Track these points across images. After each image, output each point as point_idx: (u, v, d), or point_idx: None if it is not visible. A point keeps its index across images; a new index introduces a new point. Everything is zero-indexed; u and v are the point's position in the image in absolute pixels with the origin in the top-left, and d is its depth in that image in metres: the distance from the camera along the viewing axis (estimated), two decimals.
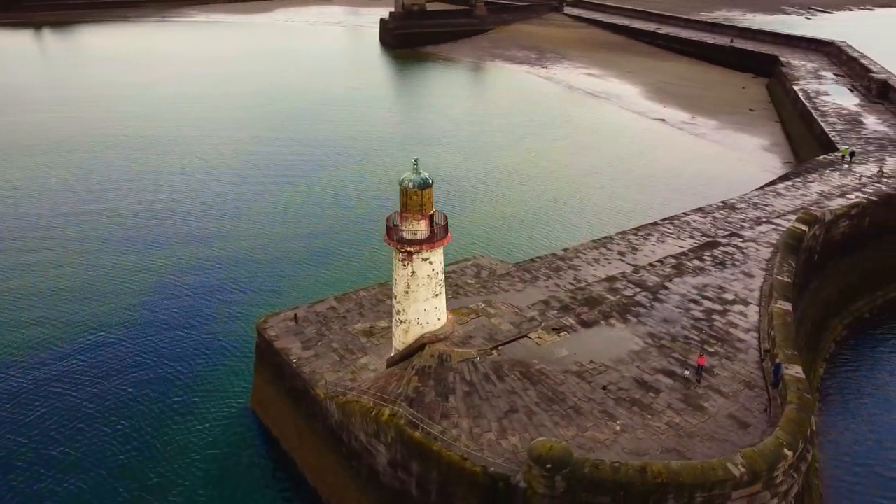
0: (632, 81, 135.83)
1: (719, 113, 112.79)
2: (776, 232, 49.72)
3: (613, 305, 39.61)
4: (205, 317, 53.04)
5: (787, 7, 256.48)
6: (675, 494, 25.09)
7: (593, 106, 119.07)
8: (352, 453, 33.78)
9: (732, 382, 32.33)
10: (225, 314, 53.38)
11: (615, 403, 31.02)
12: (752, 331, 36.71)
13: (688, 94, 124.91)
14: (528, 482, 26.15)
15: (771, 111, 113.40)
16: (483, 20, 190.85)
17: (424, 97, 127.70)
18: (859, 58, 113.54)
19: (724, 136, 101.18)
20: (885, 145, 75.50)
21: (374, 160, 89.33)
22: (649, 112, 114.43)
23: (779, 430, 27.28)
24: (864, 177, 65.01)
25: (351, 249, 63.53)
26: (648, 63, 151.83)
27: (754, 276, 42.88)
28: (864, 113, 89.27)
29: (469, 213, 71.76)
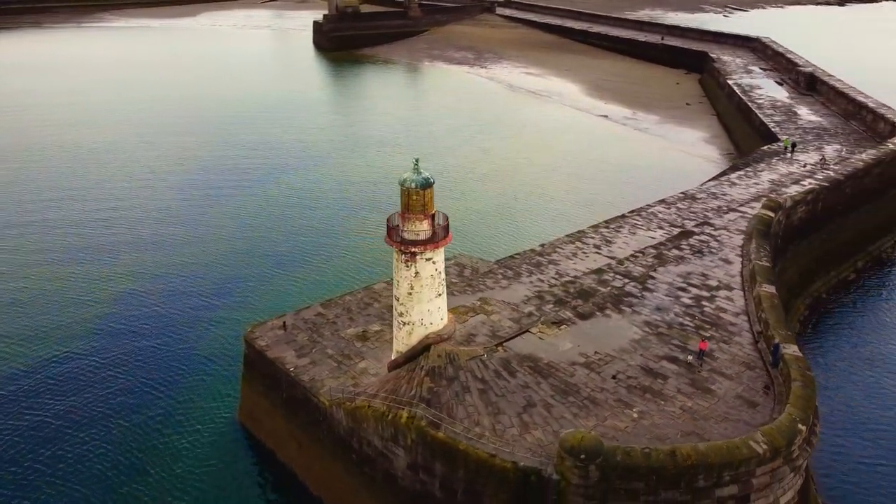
0: (571, 79, 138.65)
1: (658, 108, 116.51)
2: (743, 219, 51.86)
3: (606, 297, 40.44)
4: (182, 329, 51.16)
5: (706, 5, 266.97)
6: (704, 475, 25.85)
7: (537, 104, 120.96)
8: (363, 459, 33.29)
9: (733, 365, 33.56)
10: (203, 326, 51.64)
11: (627, 392, 31.71)
12: (741, 314, 38.17)
13: (626, 91, 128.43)
14: (560, 474, 26.42)
15: (706, 105, 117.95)
16: (418, 21, 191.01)
17: (369, 99, 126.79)
18: (785, 52, 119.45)
19: (667, 130, 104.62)
20: (821, 134, 79.75)
21: (331, 163, 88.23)
22: (592, 109, 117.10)
23: (789, 406, 28.49)
24: (809, 165, 68.56)
25: (328, 254, 62.56)
26: (584, 61, 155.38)
27: (732, 263, 44.61)
28: (796, 104, 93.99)
29: None
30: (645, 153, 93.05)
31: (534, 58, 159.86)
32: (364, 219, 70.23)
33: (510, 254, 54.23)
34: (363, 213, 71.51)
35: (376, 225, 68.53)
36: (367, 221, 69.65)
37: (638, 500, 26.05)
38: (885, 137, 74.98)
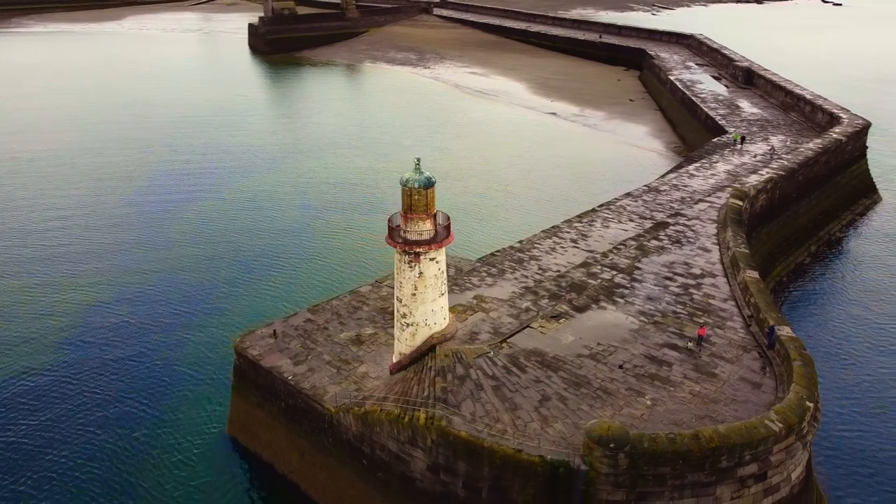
0: (515, 78, 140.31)
1: (603, 104, 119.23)
2: (713, 209, 53.69)
3: (598, 289, 41.20)
4: (160, 343, 49.34)
5: (634, 4, 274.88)
6: (727, 456, 26.70)
7: (486, 103, 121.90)
8: (376, 464, 32.91)
9: (731, 348, 34.75)
10: (181, 338, 49.92)
11: (637, 380, 32.41)
12: (728, 300, 39.54)
13: (570, 88, 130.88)
14: (589, 464, 26.81)
15: (649, 101, 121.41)
16: (356, 22, 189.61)
17: (317, 101, 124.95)
18: (720, 48, 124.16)
19: (614, 125, 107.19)
20: (765, 126, 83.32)
21: (289, 167, 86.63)
22: (540, 107, 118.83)
23: (795, 385, 29.72)
24: (759, 155, 71.54)
25: (304, 259, 61.61)
26: (526, 60, 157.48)
27: (710, 251, 46.15)
28: (737, 98, 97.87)
29: None
30: (597, 148, 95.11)
31: (476, 57, 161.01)
32: (337, 221, 69.59)
33: (485, 252, 54.69)
34: (334, 216, 70.73)
35: (352, 227, 68.23)
36: (341, 224, 69.09)
37: (665, 484, 26.69)
38: (823, 127, 78.97)
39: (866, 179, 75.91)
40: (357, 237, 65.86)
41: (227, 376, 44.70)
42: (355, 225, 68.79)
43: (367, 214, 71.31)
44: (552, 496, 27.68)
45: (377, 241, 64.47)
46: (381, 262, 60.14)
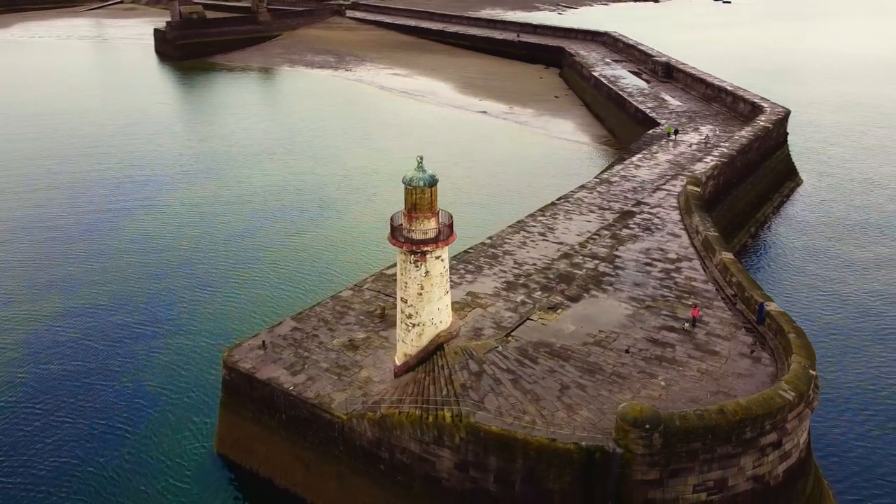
0: (439, 78, 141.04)
1: (530, 102, 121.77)
2: (670, 196, 55.98)
3: (586, 279, 42.17)
4: (135, 361, 46.70)
5: (540, 4, 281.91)
6: (751, 427, 27.98)
7: (416, 103, 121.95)
8: (395, 467, 32.45)
9: (724, 326, 36.42)
10: (162, 355, 47.43)
11: (646, 363, 33.44)
12: (708, 281, 41.36)
13: (495, 87, 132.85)
14: (624, 447, 27.46)
15: (573, 97, 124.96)
16: (269, 26, 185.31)
17: (242, 107, 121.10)
18: (636, 44, 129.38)
19: (545, 122, 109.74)
20: (693, 117, 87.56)
21: (228, 174, 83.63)
22: (469, 106, 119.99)
23: (796, 356, 31.48)
24: (694, 145, 75.12)
25: (272, 267, 59.55)
26: (446, 60, 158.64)
27: (680, 236, 48.14)
28: (661, 92, 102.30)
29: (356, 216, 70.56)
30: (533, 144, 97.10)
31: (396, 59, 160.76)
32: (291, 227, 67.97)
33: (452, 250, 54.91)
34: (286, 222, 69.10)
35: (306, 232, 66.71)
36: (295, 229, 67.51)
37: (697, 458, 27.70)
38: (746, 116, 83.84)
39: (789, 164, 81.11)
40: (316, 242, 64.55)
41: (212, 392, 43.15)
42: (309, 230, 67.38)
43: (319, 219, 70.04)
44: (587, 482, 28.17)
45: (340, 245, 63.87)
46: (349, 265, 59.45)
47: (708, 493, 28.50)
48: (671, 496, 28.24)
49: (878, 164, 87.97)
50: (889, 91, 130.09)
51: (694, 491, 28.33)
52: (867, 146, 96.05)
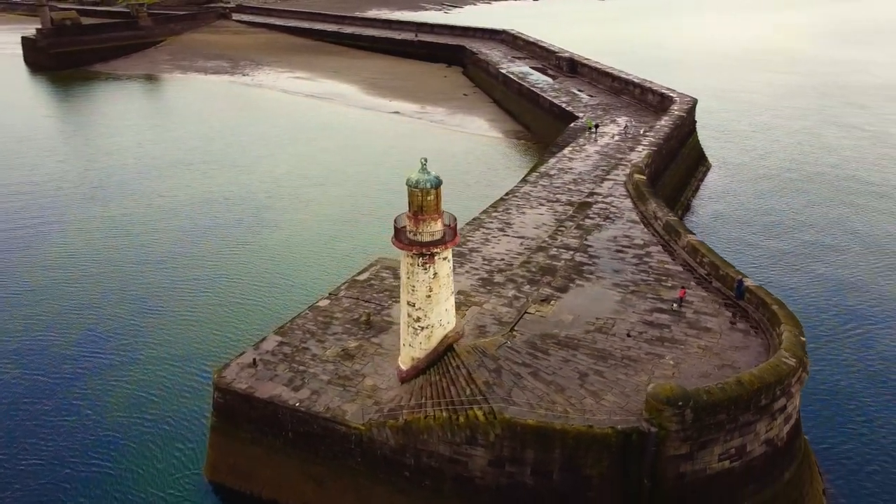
0: (343, 80, 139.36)
1: (440, 101, 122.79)
2: (618, 185, 58.43)
3: (567, 269, 43.39)
4: (102, 393, 43.39)
5: (425, 3, 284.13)
6: (765, 394, 30.02)
7: (327, 106, 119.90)
8: (421, 472, 32.18)
9: (708, 304, 38.67)
10: (131, 386, 44.33)
11: (649, 345, 35.00)
12: (679, 264, 43.68)
13: (402, 87, 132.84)
14: (658, 425, 28.70)
15: (481, 94, 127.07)
16: (150, 31, 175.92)
17: (142, 118, 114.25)
18: (536, 41, 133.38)
19: (459, 119, 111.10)
20: (607, 109, 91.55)
21: (146, 189, 78.80)
22: (380, 107, 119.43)
23: (785, 325, 34.01)
24: (616, 136, 78.69)
25: (229, 280, 57.15)
26: (346, 62, 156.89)
27: (638, 223, 50.44)
28: (569, 86, 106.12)
29: (298, 223, 68.69)
30: (452, 142, 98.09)
31: (294, 62, 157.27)
32: (241, 239, 65.22)
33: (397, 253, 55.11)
34: (235, 235, 66.17)
35: (249, 242, 64.22)
36: (246, 240, 64.76)
37: (723, 428, 29.41)
38: (655, 107, 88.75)
39: (699, 150, 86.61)
40: (264, 252, 62.35)
41: (194, 416, 41.19)
42: (253, 240, 64.96)
43: (261, 228, 67.67)
44: (624, 463, 29.22)
45: (289, 253, 61.99)
46: (306, 273, 58.00)
47: (730, 461, 30.33)
48: (700, 467, 29.84)
49: (769, 143, 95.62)
50: (756, 77, 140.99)
51: (719, 460, 30.07)
52: (757, 128, 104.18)
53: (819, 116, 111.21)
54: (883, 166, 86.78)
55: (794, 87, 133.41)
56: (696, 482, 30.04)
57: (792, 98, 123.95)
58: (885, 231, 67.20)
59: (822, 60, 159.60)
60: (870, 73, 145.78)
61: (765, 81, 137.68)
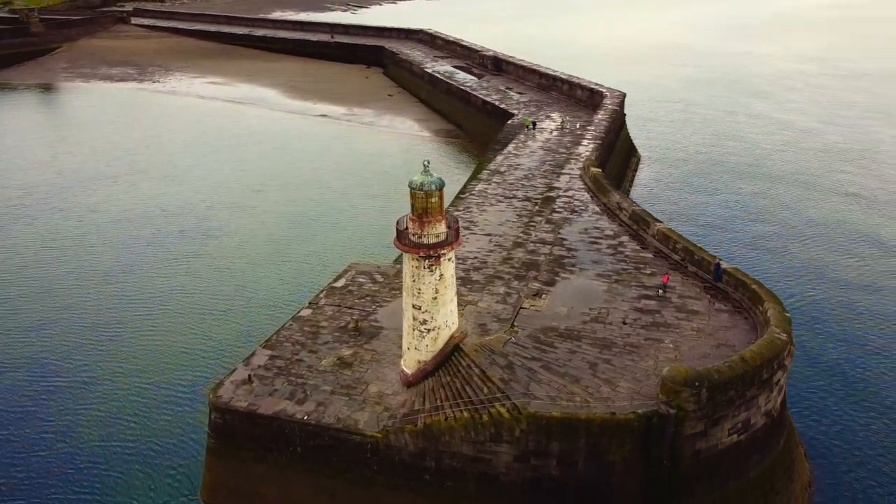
0: (261, 84, 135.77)
1: (366, 102, 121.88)
2: (574, 179, 59.99)
3: (549, 263, 44.28)
4: (87, 408, 40.71)
5: (330, 4, 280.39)
6: (766, 369, 31.85)
7: (246, 111, 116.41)
8: (444, 474, 32.14)
9: (689, 287, 40.50)
10: (117, 404, 41.86)
11: (646, 331, 36.34)
12: (650, 251, 45.46)
13: (323, 90, 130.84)
14: (676, 406, 29.94)
15: (406, 94, 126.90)
16: (44, 38, 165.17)
17: (49, 130, 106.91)
18: (456, 40, 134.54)
19: (388, 120, 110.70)
20: (540, 105, 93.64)
21: (74, 204, 74.03)
22: (306, 110, 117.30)
23: (768, 303, 36.14)
24: (555, 132, 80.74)
25: (184, 294, 54.70)
26: (261, 65, 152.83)
27: (602, 214, 52.06)
28: (498, 84, 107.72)
29: (247, 232, 66.51)
30: (386, 143, 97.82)
31: (206, 67, 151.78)
32: (191, 252, 62.66)
33: (362, 258, 54.94)
34: (184, 248, 63.43)
35: (200, 254, 61.78)
36: (196, 252, 62.23)
37: (733, 404, 31.00)
38: (584, 101, 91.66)
39: (629, 142, 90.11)
40: (218, 263, 60.11)
41: (181, 439, 39.66)
42: (205, 252, 62.48)
43: (209, 240, 65.12)
44: (646, 446, 30.31)
45: (245, 262, 59.94)
46: (269, 282, 56.39)
47: (738, 434, 32.02)
48: (713, 443, 31.35)
49: (688, 133, 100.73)
50: (662, 71, 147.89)
51: (728, 434, 31.68)
52: (674, 119, 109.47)
53: (728, 106, 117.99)
54: (791, 150, 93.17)
55: (701, 79, 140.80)
56: (710, 458, 31.54)
57: (700, 90, 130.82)
58: (804, 208, 72.37)
59: (721, 53, 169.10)
60: (767, 64, 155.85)
61: (672, 75, 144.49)
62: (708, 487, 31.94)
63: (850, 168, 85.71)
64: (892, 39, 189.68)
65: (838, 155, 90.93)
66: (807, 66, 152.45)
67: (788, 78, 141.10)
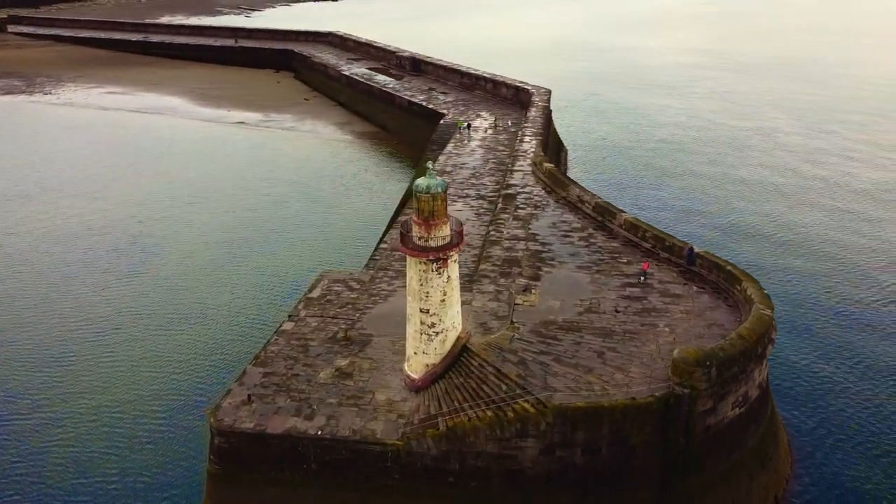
0: (167, 93, 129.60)
1: (282, 107, 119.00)
2: (526, 175, 61.17)
3: (529, 258, 45.05)
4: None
5: (222, 8, 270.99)
6: (760, 343, 33.96)
7: (157, 121, 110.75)
8: (468, 474, 32.17)
9: (665, 272, 42.38)
10: (96, 433, 38.89)
11: (640, 317, 37.77)
12: (620, 241, 47.17)
13: (235, 97, 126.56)
14: (689, 386, 31.40)
15: (322, 98, 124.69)
16: None
17: None
18: (369, 42, 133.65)
19: (310, 125, 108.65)
20: (468, 104, 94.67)
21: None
22: (221, 118, 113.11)
23: (746, 282, 38.44)
24: (490, 129, 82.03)
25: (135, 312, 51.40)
26: (163, 73, 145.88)
27: (563, 207, 53.45)
28: (421, 84, 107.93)
29: (182, 248, 63.51)
30: (315, 148, 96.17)
31: (101, 76, 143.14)
32: (132, 269, 59.16)
33: (316, 264, 55.13)
34: (121, 265, 59.68)
35: (159, 272, 58.86)
36: (136, 271, 58.70)
37: (738, 379, 32.85)
38: (510, 99, 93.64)
39: (557, 136, 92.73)
40: (162, 282, 57.18)
41: (177, 465, 37.47)
42: (145, 270, 59.16)
43: (143, 256, 61.78)
44: (663, 427, 31.59)
45: (191, 279, 57.34)
46: (216, 298, 54.32)
47: (739, 407, 33.95)
48: (720, 418, 33.09)
49: (604, 124, 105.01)
50: (562, 66, 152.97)
51: (731, 408, 33.54)
52: (588, 112, 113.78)
53: (636, 98, 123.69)
54: (704, 136, 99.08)
55: (605, 73, 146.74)
56: (717, 432, 33.27)
57: (605, 84, 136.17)
58: (728, 189, 77.37)
59: (618, 48, 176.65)
60: (663, 57, 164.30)
61: (576, 70, 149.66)
62: (716, 461, 33.67)
63: (755, 153, 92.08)
64: (769, 32, 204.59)
65: (744, 140, 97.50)
66: (699, 59, 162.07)
67: (685, 70, 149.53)
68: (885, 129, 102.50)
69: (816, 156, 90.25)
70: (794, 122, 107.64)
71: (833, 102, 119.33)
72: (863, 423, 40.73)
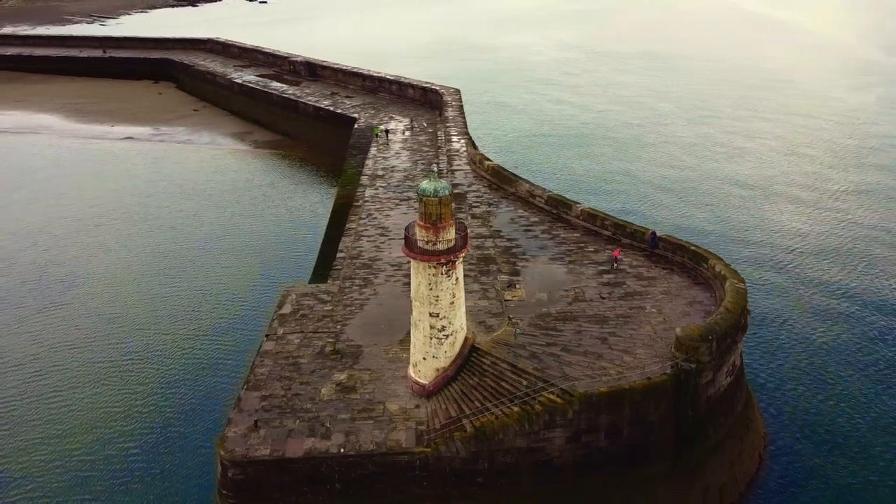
0: (36, 110, 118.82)
1: (171, 120, 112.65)
2: (467, 174, 61.76)
3: (502, 254, 45.69)
4: None
5: (71, 16, 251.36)
6: (743, 315, 36.59)
7: (33, 142, 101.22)
8: (497, 472, 32.45)
9: (632, 258, 44.50)
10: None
11: (625, 301, 39.51)
12: (578, 231, 48.93)
13: (115, 111, 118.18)
14: (695, 360, 33.37)
15: (212, 108, 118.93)
16: None
17: None
18: (255, 48, 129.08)
19: (207, 136, 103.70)
20: (376, 107, 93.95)
21: None
22: (104, 134, 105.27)
23: (714, 260, 41.19)
24: (407, 131, 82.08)
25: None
26: (24, 88, 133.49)
27: (513, 203, 54.55)
28: (320, 90, 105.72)
29: (105, 274, 58.97)
30: (217, 159, 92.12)
31: None
32: (58, 299, 53.89)
33: (255, 277, 54.62)
34: (42, 297, 54.17)
35: (86, 300, 54.52)
36: (64, 299, 53.77)
37: (731, 350, 35.25)
38: (418, 100, 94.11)
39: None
40: (96, 309, 52.92)
41: None
42: (70, 300, 54.39)
43: (66, 286, 56.85)
44: (675, 401, 33.37)
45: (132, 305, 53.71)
46: (162, 324, 51.11)
47: (730, 375, 36.46)
48: (718, 388, 35.39)
49: (509, 118, 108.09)
50: (453, 65, 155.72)
51: (725, 377, 35.97)
52: (490, 107, 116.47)
53: (526, 93, 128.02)
54: (600, 127, 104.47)
55: (491, 71, 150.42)
56: (716, 401, 35.58)
57: (494, 81, 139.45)
58: (646, 169, 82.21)
59: (497, 47, 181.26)
60: (542, 54, 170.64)
61: (464, 69, 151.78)
62: (715, 427, 36.01)
63: (648, 138, 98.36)
64: (631, 26, 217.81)
65: (637, 127, 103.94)
66: (574, 54, 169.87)
67: (564, 65, 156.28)
68: (756, 105, 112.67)
69: (700, 141, 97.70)
70: (674, 108, 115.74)
71: (702, 89, 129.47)
72: (817, 372, 44.93)
